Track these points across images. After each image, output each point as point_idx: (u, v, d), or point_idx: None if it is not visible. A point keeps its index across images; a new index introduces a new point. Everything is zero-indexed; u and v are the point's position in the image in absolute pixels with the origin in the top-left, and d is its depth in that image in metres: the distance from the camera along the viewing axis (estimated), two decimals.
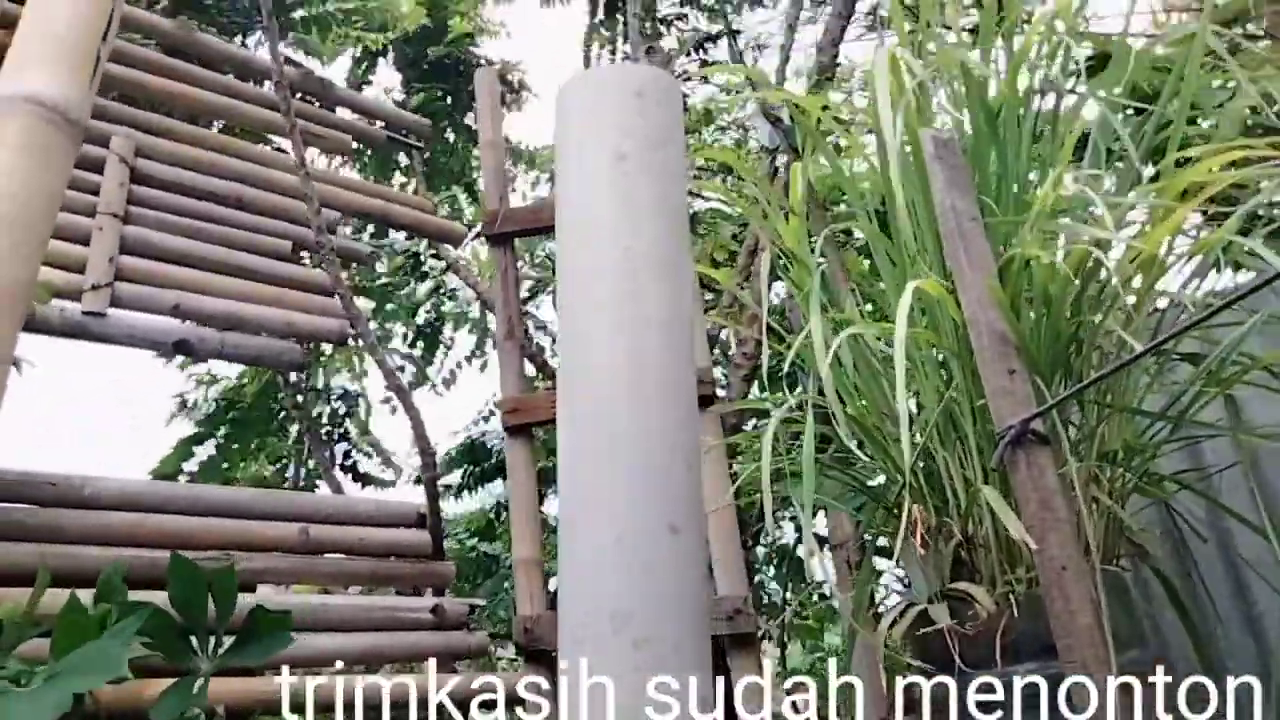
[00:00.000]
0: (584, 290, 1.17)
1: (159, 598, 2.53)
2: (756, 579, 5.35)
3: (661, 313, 1.16)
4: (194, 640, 2.59)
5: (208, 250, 3.71)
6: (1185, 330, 1.82)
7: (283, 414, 5.40)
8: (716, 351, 5.31)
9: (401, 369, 5.88)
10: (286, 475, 5.75)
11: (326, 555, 3.51)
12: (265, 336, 3.74)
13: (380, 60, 7.90)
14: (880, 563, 3.20)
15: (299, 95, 4.71)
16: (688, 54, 6.09)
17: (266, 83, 4.80)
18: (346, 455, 6.09)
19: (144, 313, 3.52)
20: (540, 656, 3.24)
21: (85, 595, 2.44)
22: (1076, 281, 1.97)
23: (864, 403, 2.44)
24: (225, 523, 3.32)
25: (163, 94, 3.93)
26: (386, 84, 8.00)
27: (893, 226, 2.39)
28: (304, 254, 4.11)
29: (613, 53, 6.16)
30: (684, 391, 1.15)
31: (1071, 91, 2.33)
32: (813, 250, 2.62)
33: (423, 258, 5.98)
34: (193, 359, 4.31)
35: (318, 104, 4.77)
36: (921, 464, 2.43)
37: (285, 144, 4.71)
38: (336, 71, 8.15)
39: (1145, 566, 2.76)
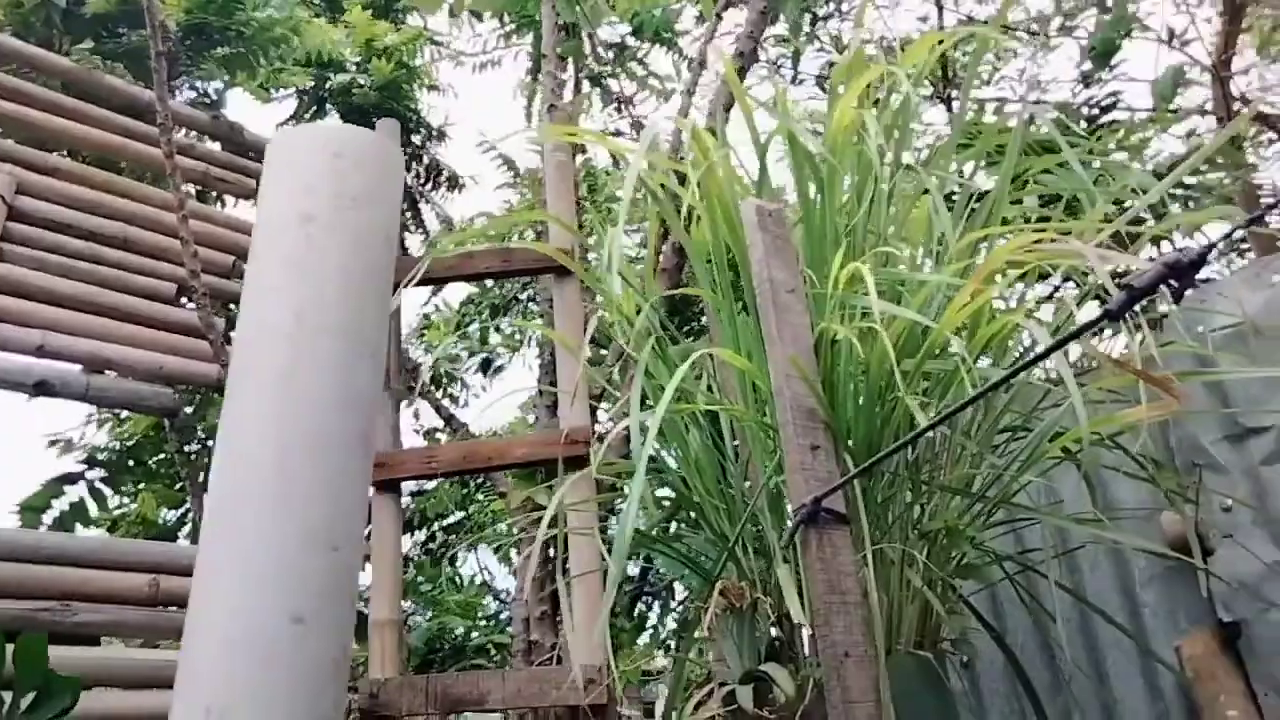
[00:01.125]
0: (250, 356, 1.11)
1: None
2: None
3: (329, 383, 1.10)
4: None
5: (81, 290, 3.64)
6: (963, 406, 1.79)
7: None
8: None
9: None
10: (188, 522, 5.59)
11: (178, 609, 3.38)
12: (136, 380, 3.65)
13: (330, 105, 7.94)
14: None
15: (210, 139, 4.69)
16: (618, 110, 6.13)
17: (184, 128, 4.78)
18: None
19: (7, 352, 3.43)
20: None
21: None
22: (862, 357, 1.93)
23: (695, 473, 2.38)
24: (69, 572, 3.19)
25: (49, 131, 3.88)
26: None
27: (720, 292, 2.36)
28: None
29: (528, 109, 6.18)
30: (343, 468, 1.08)
31: (911, 168, 2.32)
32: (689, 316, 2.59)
33: None
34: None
35: (230, 148, 4.73)
36: (754, 540, 2.37)
37: (190, 186, 4.67)
38: (283, 113, 8.16)
39: (1003, 651, 2.70)
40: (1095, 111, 3.95)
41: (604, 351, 4.59)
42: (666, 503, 3.18)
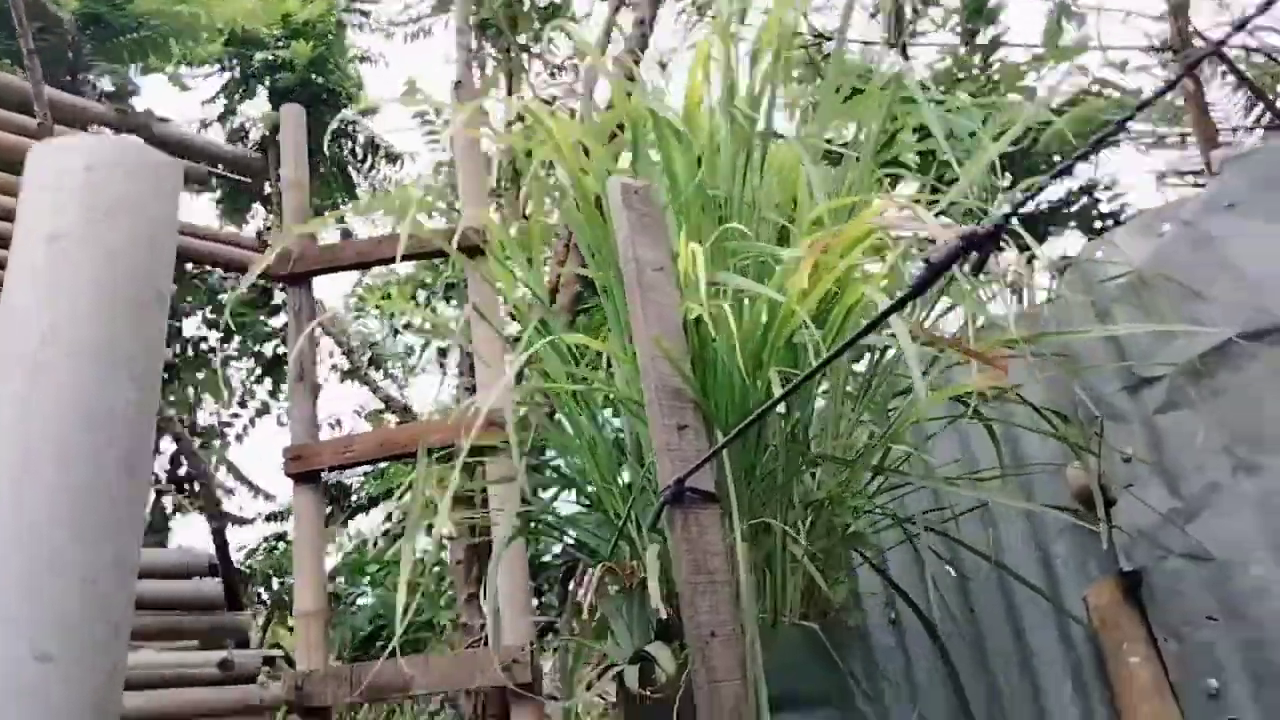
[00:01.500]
0: None
1: None
2: None
3: (74, 402, 1.06)
4: None
5: None
6: (806, 379, 1.76)
7: None
8: None
9: (243, 402, 5.71)
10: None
11: None
12: None
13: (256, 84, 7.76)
14: None
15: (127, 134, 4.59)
16: (552, 77, 6.02)
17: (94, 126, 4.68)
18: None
19: None
20: (314, 714, 3.12)
21: None
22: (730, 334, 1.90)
23: (588, 455, 2.36)
24: None
25: None
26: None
27: (603, 272, 2.32)
28: None
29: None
30: (91, 490, 1.04)
31: (778, 135, 2.27)
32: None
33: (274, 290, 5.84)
34: None
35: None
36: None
37: None
38: (207, 94, 7.94)
39: (913, 610, 2.71)
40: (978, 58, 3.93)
41: None
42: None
